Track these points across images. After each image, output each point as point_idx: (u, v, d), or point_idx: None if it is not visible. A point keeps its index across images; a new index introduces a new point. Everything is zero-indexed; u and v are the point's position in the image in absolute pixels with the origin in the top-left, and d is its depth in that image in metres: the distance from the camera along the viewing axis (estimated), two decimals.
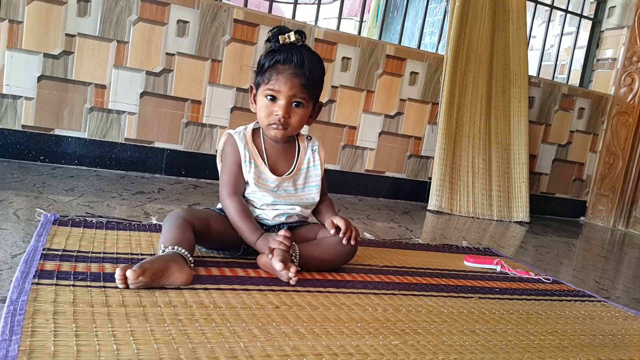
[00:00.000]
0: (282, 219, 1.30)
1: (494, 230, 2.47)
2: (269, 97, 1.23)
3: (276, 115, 1.22)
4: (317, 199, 1.34)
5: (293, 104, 1.23)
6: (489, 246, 1.98)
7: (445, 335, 0.99)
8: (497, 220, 2.77)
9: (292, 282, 1.11)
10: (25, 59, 2.10)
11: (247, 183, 1.27)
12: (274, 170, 1.29)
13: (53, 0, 2.10)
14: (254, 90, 1.29)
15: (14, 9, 2.06)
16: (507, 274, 1.55)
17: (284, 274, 1.11)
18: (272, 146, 1.31)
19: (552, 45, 3.62)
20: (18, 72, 2.10)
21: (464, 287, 1.35)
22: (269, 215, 1.28)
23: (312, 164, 1.34)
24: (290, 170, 1.31)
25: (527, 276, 1.56)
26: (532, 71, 3.20)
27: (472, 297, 1.26)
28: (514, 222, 2.82)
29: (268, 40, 1.25)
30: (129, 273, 0.93)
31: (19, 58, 2.10)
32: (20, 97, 2.12)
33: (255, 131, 1.31)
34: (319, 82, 1.27)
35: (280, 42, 1.22)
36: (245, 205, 1.25)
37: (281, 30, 1.23)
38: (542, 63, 3.35)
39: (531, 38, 3.39)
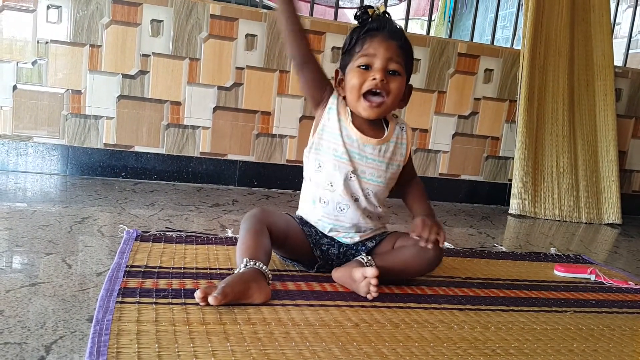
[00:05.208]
0: (357, 239, 1.21)
1: (584, 234, 2.30)
2: (362, 67, 1.12)
3: (373, 79, 1.11)
4: (387, 192, 1.23)
5: (389, 72, 1.12)
6: (580, 252, 1.84)
7: (540, 355, 0.91)
8: (585, 223, 2.58)
9: (369, 296, 1.07)
10: (105, 80, 2.21)
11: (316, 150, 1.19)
12: (360, 131, 1.17)
13: (129, 23, 2.20)
14: (340, 75, 1.19)
15: (94, 34, 2.17)
16: (603, 283, 1.43)
17: (363, 285, 1.07)
18: (360, 120, 1.18)
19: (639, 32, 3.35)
20: (99, 93, 2.21)
21: (556, 300, 1.25)
22: (325, 225, 1.20)
23: (400, 140, 1.22)
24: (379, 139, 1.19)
25: (625, 286, 1.42)
26: (618, 61, 2.97)
27: (566, 312, 1.16)
28: (605, 224, 2.61)
29: (357, 18, 1.17)
30: (211, 299, 0.93)
31: (99, 80, 2.20)
32: (101, 117, 2.23)
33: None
34: (412, 55, 1.19)
35: (370, 14, 1.15)
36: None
37: (368, 7, 1.17)
38: (629, 52, 3.09)
39: (615, 25, 3.14)
